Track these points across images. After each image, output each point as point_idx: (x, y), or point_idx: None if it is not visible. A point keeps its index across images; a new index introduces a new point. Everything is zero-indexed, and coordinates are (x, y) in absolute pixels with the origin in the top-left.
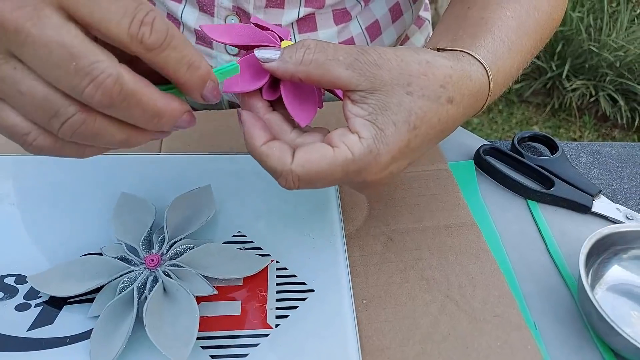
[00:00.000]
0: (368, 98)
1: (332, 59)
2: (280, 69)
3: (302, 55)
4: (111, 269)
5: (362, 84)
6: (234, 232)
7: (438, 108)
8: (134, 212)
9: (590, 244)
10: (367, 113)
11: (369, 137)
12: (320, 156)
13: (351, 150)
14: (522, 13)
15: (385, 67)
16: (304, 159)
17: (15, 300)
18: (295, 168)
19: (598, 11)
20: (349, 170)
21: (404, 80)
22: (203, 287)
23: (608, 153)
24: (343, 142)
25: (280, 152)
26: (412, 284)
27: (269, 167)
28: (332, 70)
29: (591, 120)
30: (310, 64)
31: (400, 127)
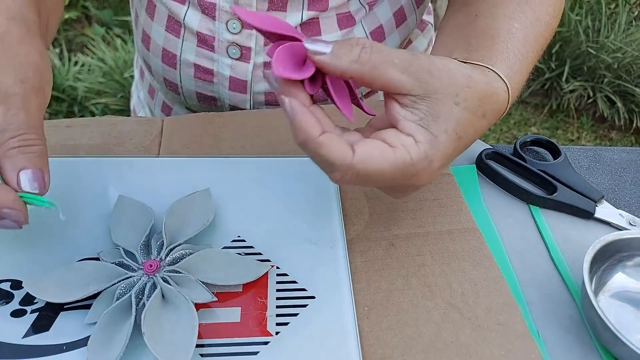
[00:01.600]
0: (419, 104)
1: (387, 60)
2: (333, 64)
3: (358, 53)
4: (109, 274)
5: (415, 89)
6: (234, 236)
7: (476, 121)
8: (132, 216)
9: (594, 251)
10: (418, 118)
11: (425, 142)
12: (382, 155)
13: (409, 153)
14: (527, 25)
15: (436, 75)
16: (366, 155)
17: (11, 306)
18: (357, 164)
19: (596, 12)
20: (405, 173)
21: (453, 91)
22: (202, 294)
23: (610, 158)
24: (401, 144)
25: (340, 144)
26: (414, 291)
27: (326, 159)
28: (388, 72)
29: (589, 121)
30: (367, 64)
31: (450, 136)
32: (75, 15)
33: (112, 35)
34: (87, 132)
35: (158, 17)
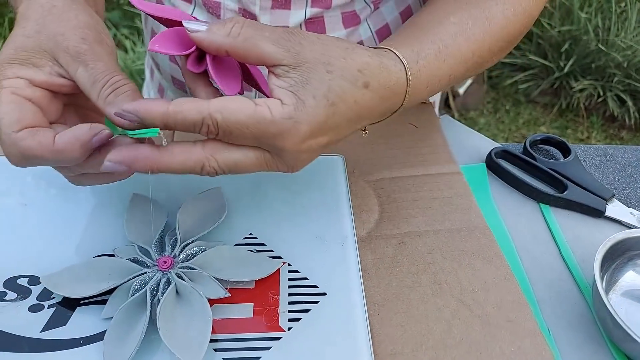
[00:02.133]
0: (290, 72)
1: (259, 34)
2: (207, 39)
3: (230, 28)
4: (124, 270)
5: (286, 58)
6: (245, 234)
7: (355, 90)
8: (146, 214)
9: (605, 249)
10: (289, 85)
11: (290, 103)
12: (241, 106)
13: (271, 111)
14: (468, 21)
15: (308, 47)
16: (222, 105)
17: (29, 301)
18: (214, 112)
19: (606, 11)
20: (267, 130)
21: (325, 60)
22: (216, 290)
23: (621, 156)
24: (265, 103)
25: (193, 101)
26: (424, 288)
27: (186, 121)
28: (259, 44)
29: (599, 120)
30: (238, 36)
31: (319, 101)
32: None
33: (120, 37)
34: None
35: None
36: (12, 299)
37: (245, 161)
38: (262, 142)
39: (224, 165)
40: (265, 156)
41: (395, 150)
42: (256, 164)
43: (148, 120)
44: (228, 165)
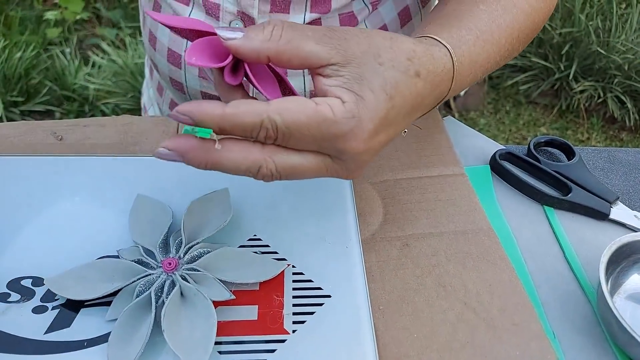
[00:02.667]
0: (341, 71)
1: (301, 34)
2: (245, 46)
3: (270, 31)
4: (128, 272)
5: (334, 57)
6: (250, 235)
7: (408, 80)
8: (151, 215)
9: (611, 252)
10: (342, 83)
11: (350, 101)
12: (300, 107)
13: (333, 110)
14: (497, 7)
15: (353, 41)
16: (282, 107)
17: (32, 303)
18: (272, 114)
19: (607, 13)
20: (329, 132)
21: (374, 52)
22: (220, 292)
23: (625, 159)
24: (326, 102)
25: (250, 105)
26: (429, 291)
27: (244, 124)
28: (303, 45)
29: (599, 122)
30: (280, 39)
31: (378, 95)
32: (87, 15)
33: (123, 35)
34: (104, 131)
35: None
36: (16, 300)
37: (305, 165)
38: (323, 145)
39: (281, 169)
40: (325, 161)
41: (399, 152)
42: (315, 169)
43: (203, 122)
44: (286, 169)
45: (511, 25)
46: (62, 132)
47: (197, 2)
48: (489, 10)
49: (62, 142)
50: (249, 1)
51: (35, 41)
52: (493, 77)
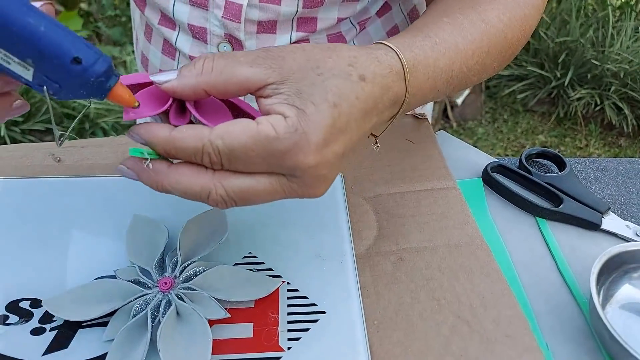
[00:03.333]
0: (280, 88)
1: (233, 61)
2: (180, 85)
3: (201, 65)
4: (125, 292)
5: (270, 76)
6: (245, 253)
7: (352, 85)
8: (147, 234)
9: (601, 263)
10: (283, 99)
11: (292, 115)
12: (242, 129)
13: (275, 128)
14: (462, 21)
15: (289, 57)
16: (223, 130)
17: (31, 325)
18: (214, 139)
19: (602, 21)
20: (274, 149)
21: (312, 65)
22: (216, 311)
23: (616, 169)
24: (267, 120)
25: (194, 129)
26: (423, 305)
27: (186, 148)
28: (236, 72)
29: (597, 129)
30: (212, 71)
31: (319, 105)
32: (87, 33)
33: (120, 54)
34: (101, 152)
35: (155, 40)
36: (15, 322)
37: (258, 188)
38: (272, 164)
39: (233, 194)
40: (280, 181)
41: (393, 166)
42: (270, 190)
43: (151, 144)
44: (237, 194)
45: (479, 38)
46: (60, 154)
47: (182, 26)
48: (454, 23)
49: (60, 164)
50: (235, 24)
51: None
52: (490, 86)
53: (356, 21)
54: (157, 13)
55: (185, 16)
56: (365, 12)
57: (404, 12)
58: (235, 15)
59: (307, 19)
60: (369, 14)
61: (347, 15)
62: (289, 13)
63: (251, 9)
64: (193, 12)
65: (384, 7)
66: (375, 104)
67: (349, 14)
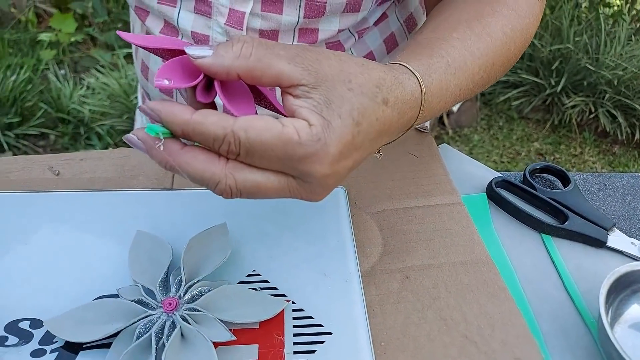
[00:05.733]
0: (311, 92)
1: (273, 52)
2: (216, 64)
3: (240, 48)
4: (128, 313)
5: (305, 78)
6: (249, 271)
7: (375, 107)
8: (150, 253)
9: (609, 283)
10: (312, 105)
11: (317, 124)
12: (266, 126)
13: (299, 133)
14: (470, 36)
15: (325, 63)
16: (248, 124)
17: (31, 346)
18: (237, 130)
19: (595, 29)
20: (293, 154)
21: (345, 77)
22: (221, 333)
23: (620, 184)
24: (292, 124)
25: (217, 116)
26: (430, 325)
27: (207, 134)
28: (274, 64)
29: (591, 136)
30: (250, 57)
31: (345, 120)
32: (81, 37)
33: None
34: (101, 165)
35: None
36: (14, 343)
37: (267, 185)
38: (287, 165)
39: (242, 186)
40: (289, 182)
41: (397, 181)
42: (278, 188)
43: (168, 123)
44: (246, 187)
45: (485, 53)
46: (58, 167)
47: (185, 33)
48: (462, 39)
49: (59, 177)
50: (237, 32)
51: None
52: (485, 93)
53: (355, 30)
54: (160, 22)
55: (190, 24)
56: (364, 22)
57: (400, 21)
58: (238, 22)
59: (309, 30)
60: (367, 23)
61: (347, 26)
62: (290, 23)
63: (253, 18)
64: (197, 20)
65: (381, 16)
66: (389, 127)
67: (349, 24)
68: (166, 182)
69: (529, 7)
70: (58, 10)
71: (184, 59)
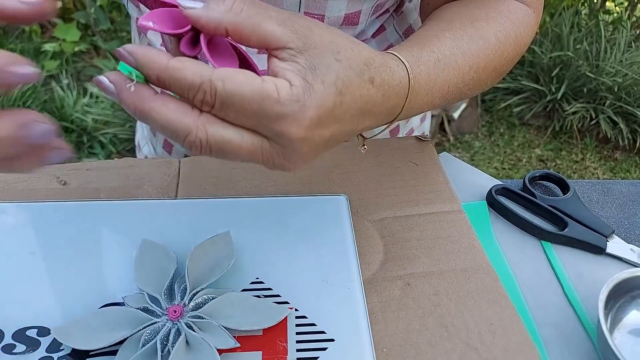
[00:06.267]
0: (297, 56)
1: (264, 13)
2: (205, 16)
3: (231, 3)
4: (134, 320)
5: (293, 41)
6: (252, 278)
7: (361, 83)
8: (156, 261)
9: (609, 289)
10: (296, 69)
11: (299, 85)
12: (246, 80)
13: (278, 91)
14: (462, 36)
15: (316, 31)
16: (227, 74)
17: (38, 354)
18: (215, 79)
19: (595, 36)
20: (270, 110)
21: (334, 48)
22: (225, 340)
23: (619, 191)
24: (273, 81)
25: (196, 64)
26: (431, 332)
27: (183, 81)
28: (264, 24)
29: (592, 142)
30: (241, 13)
31: (328, 87)
32: (85, 47)
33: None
34: (106, 175)
35: None
36: (21, 351)
37: (239, 143)
38: (262, 124)
39: (213, 141)
40: (262, 143)
41: (398, 189)
42: (250, 149)
43: (144, 67)
44: (217, 142)
45: (477, 54)
46: (65, 177)
47: None
48: (455, 37)
49: (65, 187)
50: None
51: None
52: (486, 99)
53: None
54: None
55: None
56: (362, 34)
57: (399, 32)
58: None
59: None
60: (365, 35)
61: None
62: None
63: None
64: None
65: (378, 28)
66: (373, 107)
67: None
68: (171, 191)
69: (524, 17)
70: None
71: (174, 10)
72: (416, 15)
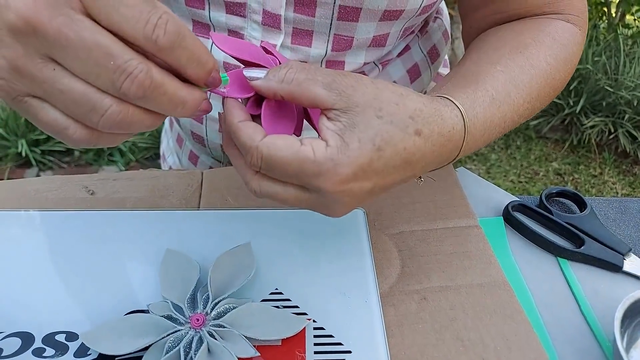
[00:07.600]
0: (341, 116)
1: (312, 78)
2: (264, 86)
3: (284, 74)
4: (159, 328)
5: (337, 102)
6: (272, 289)
7: (404, 136)
8: (180, 270)
9: (624, 307)
10: (337, 128)
11: (334, 146)
12: (287, 145)
13: (314, 152)
14: (513, 68)
15: (360, 90)
16: (271, 142)
17: (66, 358)
18: (261, 146)
19: (614, 49)
20: (307, 170)
21: (377, 105)
22: (245, 349)
23: (636, 209)
24: (311, 143)
25: (253, 129)
26: (448, 346)
27: (240, 142)
28: (311, 88)
29: (611, 156)
30: (292, 82)
31: (364, 144)
32: None
33: None
34: (132, 185)
35: None
36: (51, 355)
37: (284, 195)
38: (303, 180)
39: (264, 192)
40: (305, 195)
41: (416, 204)
42: (295, 200)
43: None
44: (268, 194)
45: (529, 84)
46: (92, 187)
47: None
48: (506, 71)
49: (93, 196)
50: None
51: None
52: None
53: (379, 62)
54: None
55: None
56: (388, 54)
57: (424, 52)
58: None
59: (335, 62)
60: (391, 55)
61: (372, 59)
62: (318, 55)
63: (283, 50)
64: None
65: (404, 48)
66: (422, 158)
67: (375, 57)
68: (193, 202)
69: (571, 36)
70: None
71: (239, 73)
72: (440, 35)
